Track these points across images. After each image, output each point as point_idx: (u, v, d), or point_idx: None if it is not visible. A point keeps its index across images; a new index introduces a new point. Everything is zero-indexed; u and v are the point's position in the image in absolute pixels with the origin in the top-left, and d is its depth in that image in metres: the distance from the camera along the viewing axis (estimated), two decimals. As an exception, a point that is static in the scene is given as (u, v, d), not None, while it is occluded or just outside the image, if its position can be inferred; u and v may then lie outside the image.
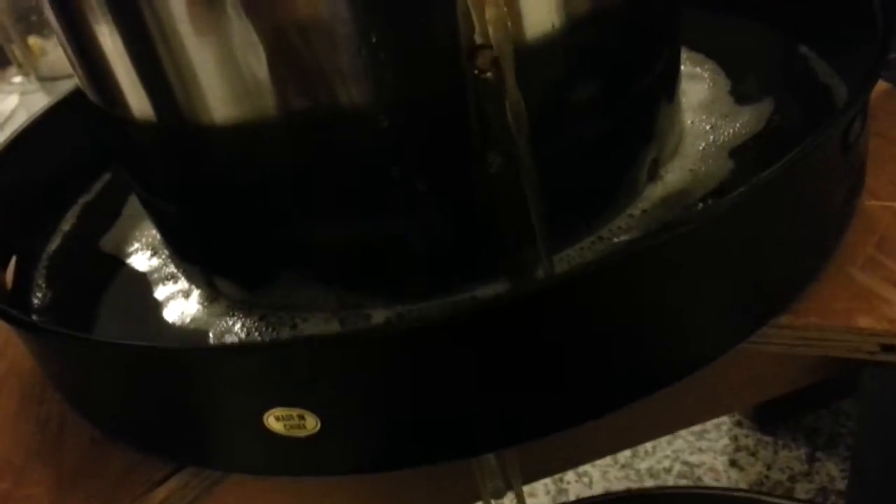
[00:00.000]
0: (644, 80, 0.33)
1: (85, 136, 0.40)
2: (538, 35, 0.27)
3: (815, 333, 0.28)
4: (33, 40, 1.10)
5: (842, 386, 0.67)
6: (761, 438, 0.72)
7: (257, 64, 0.26)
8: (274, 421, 0.25)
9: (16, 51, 1.13)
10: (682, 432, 0.76)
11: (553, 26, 0.27)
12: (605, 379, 0.27)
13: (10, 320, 0.28)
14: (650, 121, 0.34)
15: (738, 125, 0.38)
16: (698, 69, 0.42)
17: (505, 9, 0.24)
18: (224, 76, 0.27)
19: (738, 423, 0.76)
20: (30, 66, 1.13)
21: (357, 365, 0.24)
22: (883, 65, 0.29)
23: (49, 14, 0.30)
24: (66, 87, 0.43)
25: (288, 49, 0.26)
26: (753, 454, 0.70)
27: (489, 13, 0.24)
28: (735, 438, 0.74)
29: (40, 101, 1.15)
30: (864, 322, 0.28)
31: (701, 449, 0.71)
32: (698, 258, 0.26)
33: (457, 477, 0.36)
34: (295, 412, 0.25)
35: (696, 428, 0.73)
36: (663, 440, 0.79)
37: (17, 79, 1.15)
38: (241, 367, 0.24)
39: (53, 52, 1.07)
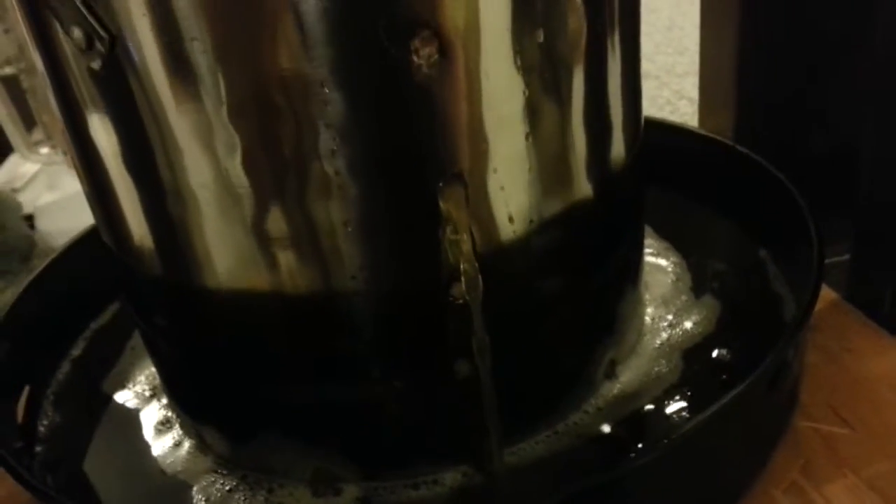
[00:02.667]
0: (606, 289, 0.37)
1: (99, 267, 0.44)
2: (506, 243, 0.31)
3: (735, 553, 0.31)
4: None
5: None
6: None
7: (264, 251, 0.30)
8: None
9: (45, 118, 1.17)
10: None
11: (519, 234, 0.31)
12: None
13: (13, 474, 0.31)
14: (610, 326, 0.38)
15: (692, 324, 0.42)
16: (663, 262, 0.47)
17: (476, 264, 0.28)
18: (230, 251, 0.30)
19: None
20: (57, 139, 1.17)
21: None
22: (808, 317, 0.33)
23: (73, 160, 0.34)
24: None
25: (288, 249, 0.30)
26: None
27: (463, 266, 0.28)
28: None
29: (62, 173, 1.19)
30: (779, 548, 0.31)
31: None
32: (637, 491, 0.29)
33: None
34: None
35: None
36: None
37: (44, 149, 1.19)
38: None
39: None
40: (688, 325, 0.42)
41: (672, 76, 1.31)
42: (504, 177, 0.29)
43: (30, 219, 1.16)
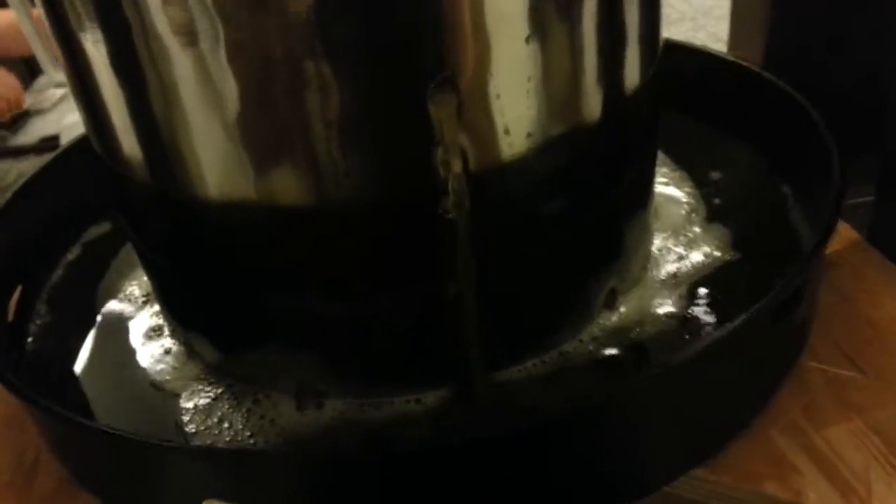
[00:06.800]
0: (610, 217, 0.35)
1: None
2: (502, 157, 0.29)
3: (726, 490, 0.30)
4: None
5: None
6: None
7: (253, 158, 0.29)
8: (209, 507, 0.28)
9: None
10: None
11: (515, 149, 0.29)
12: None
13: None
14: (613, 255, 0.36)
15: (702, 256, 0.40)
16: (677, 192, 0.44)
17: (464, 178, 0.27)
18: (215, 154, 0.29)
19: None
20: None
21: (273, 480, 0.27)
22: (822, 249, 0.31)
23: (63, 66, 0.32)
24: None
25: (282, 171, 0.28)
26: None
27: (452, 181, 0.27)
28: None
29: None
30: (771, 488, 0.30)
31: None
32: (627, 417, 0.28)
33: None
34: (226, 505, 0.27)
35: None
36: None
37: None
38: (183, 462, 0.27)
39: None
40: (697, 257, 0.40)
41: (709, 18, 1.26)
42: (501, 83, 0.27)
43: (55, 139, 1.15)
